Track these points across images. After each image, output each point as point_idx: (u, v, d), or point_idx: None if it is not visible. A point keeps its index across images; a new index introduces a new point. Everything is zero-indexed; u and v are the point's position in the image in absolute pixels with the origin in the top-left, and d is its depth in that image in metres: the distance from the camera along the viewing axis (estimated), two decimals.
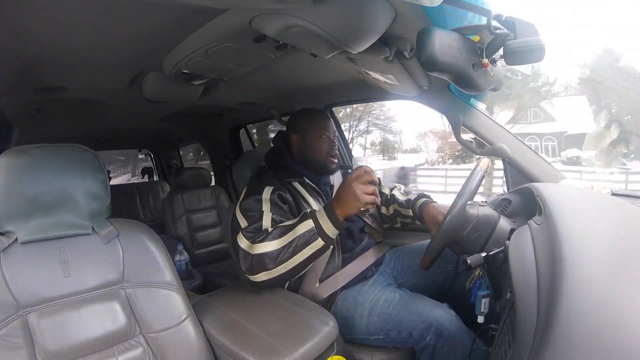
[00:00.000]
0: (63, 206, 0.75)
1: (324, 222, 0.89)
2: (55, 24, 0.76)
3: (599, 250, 0.48)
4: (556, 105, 11.42)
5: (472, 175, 0.84)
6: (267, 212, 0.97)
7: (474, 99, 1.11)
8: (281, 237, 0.90)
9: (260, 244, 0.90)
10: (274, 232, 0.92)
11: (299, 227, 0.90)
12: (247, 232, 0.95)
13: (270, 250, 0.89)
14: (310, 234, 0.88)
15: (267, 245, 0.90)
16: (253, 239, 0.93)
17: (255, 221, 0.96)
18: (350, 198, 0.87)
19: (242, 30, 0.76)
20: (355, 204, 0.87)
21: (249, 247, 0.92)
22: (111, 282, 0.77)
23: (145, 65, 1.09)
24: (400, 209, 1.18)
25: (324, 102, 1.56)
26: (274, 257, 0.89)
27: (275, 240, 0.90)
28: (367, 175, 0.89)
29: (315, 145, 1.12)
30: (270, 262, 0.89)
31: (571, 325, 0.38)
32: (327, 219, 0.89)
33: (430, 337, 0.88)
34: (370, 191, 0.87)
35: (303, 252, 0.89)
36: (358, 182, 0.87)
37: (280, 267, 0.89)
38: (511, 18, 0.64)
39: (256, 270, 0.91)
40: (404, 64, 0.94)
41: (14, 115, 1.45)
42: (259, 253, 0.90)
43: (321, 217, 0.90)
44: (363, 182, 0.88)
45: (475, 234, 0.79)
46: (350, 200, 0.87)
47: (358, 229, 1.14)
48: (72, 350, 0.69)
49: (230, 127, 2.32)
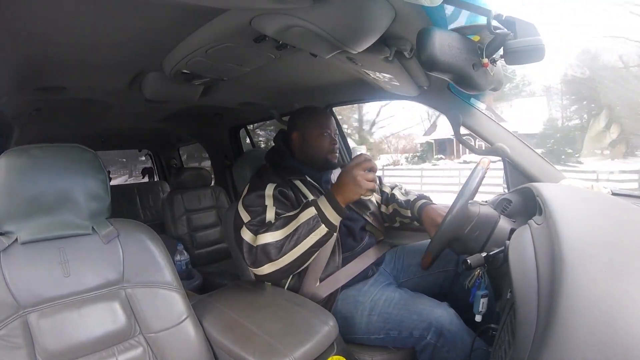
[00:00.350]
0: (63, 206, 0.75)
1: (325, 209, 0.90)
2: (56, 24, 0.76)
3: (599, 250, 0.48)
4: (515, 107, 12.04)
5: (473, 174, 0.84)
6: (270, 207, 0.98)
7: (474, 98, 1.11)
8: (284, 227, 0.91)
9: (263, 235, 0.91)
10: (277, 223, 0.93)
11: (301, 216, 0.91)
12: (250, 225, 0.95)
13: (274, 240, 0.90)
14: (314, 222, 0.90)
15: (271, 235, 0.91)
16: (257, 231, 0.93)
17: (258, 215, 0.97)
18: (351, 184, 0.89)
19: (242, 30, 0.76)
20: (356, 189, 0.89)
21: (252, 240, 0.93)
22: (111, 282, 0.77)
23: (145, 65, 1.09)
24: (399, 208, 1.18)
25: (324, 102, 1.56)
26: (278, 246, 0.90)
27: (278, 230, 0.91)
28: (367, 162, 0.91)
29: (316, 142, 1.12)
30: (275, 252, 0.90)
31: (571, 325, 0.38)
32: (329, 205, 0.90)
33: (430, 337, 0.88)
34: (370, 178, 0.89)
35: (307, 240, 0.90)
36: (358, 169, 0.89)
37: (285, 256, 0.90)
38: (511, 18, 0.64)
39: (261, 262, 0.91)
40: (404, 64, 0.94)
41: (14, 115, 1.45)
42: (262, 243, 0.91)
43: (323, 204, 0.91)
44: (363, 169, 0.89)
45: (477, 232, 0.79)
46: (351, 186, 0.89)
47: (359, 228, 1.13)
48: (72, 350, 0.69)
49: (230, 127, 2.32)
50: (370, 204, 1.19)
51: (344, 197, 0.90)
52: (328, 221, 0.90)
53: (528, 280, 0.50)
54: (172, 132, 2.55)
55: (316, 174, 1.14)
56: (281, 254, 0.90)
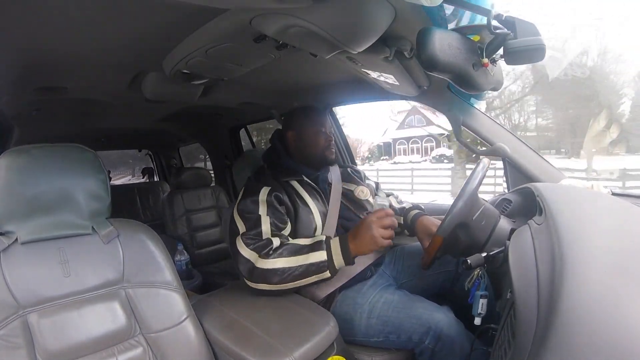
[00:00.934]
0: (63, 206, 0.75)
1: (336, 256, 0.91)
2: (56, 24, 0.76)
3: (599, 250, 0.48)
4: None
5: (476, 169, 0.83)
6: (264, 216, 0.98)
7: (474, 98, 1.11)
8: (290, 257, 0.92)
9: (267, 260, 0.92)
10: (282, 250, 0.93)
11: (311, 255, 0.91)
12: (247, 239, 0.96)
13: (278, 268, 0.91)
14: (321, 266, 0.91)
15: (275, 262, 0.91)
16: (258, 250, 0.93)
17: (253, 226, 0.97)
18: (368, 238, 0.89)
19: (242, 30, 0.76)
20: (371, 246, 0.90)
21: (254, 259, 0.93)
22: (111, 282, 0.77)
23: (145, 65, 1.09)
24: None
25: (324, 102, 1.56)
26: (279, 274, 0.91)
27: (283, 258, 0.92)
28: (387, 218, 0.91)
29: (312, 140, 1.13)
30: (275, 279, 0.91)
31: (571, 325, 0.38)
32: (340, 253, 0.91)
33: (429, 341, 0.89)
34: (387, 235, 0.90)
35: (309, 278, 0.92)
36: (378, 224, 0.89)
37: (283, 284, 0.92)
38: (511, 18, 0.64)
39: (256, 281, 0.93)
40: (404, 63, 0.94)
41: (14, 115, 1.45)
42: (265, 268, 0.91)
43: (335, 250, 0.91)
44: (383, 225, 0.90)
45: (483, 221, 0.79)
46: (367, 240, 0.89)
47: None
48: (72, 350, 0.69)
49: (230, 127, 2.32)
50: (368, 205, 1.19)
51: (357, 248, 0.91)
52: (334, 267, 0.91)
53: (528, 281, 0.50)
54: (172, 132, 2.55)
55: (313, 173, 1.14)
56: (281, 282, 0.91)
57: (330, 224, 1.08)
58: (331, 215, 1.09)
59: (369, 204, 1.21)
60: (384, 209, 0.93)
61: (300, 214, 1.05)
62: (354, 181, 1.24)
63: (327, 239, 0.94)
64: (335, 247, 0.92)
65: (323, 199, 1.11)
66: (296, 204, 1.05)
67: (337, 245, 0.92)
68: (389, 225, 0.91)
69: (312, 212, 1.06)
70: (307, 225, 1.05)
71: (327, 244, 0.93)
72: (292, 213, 1.04)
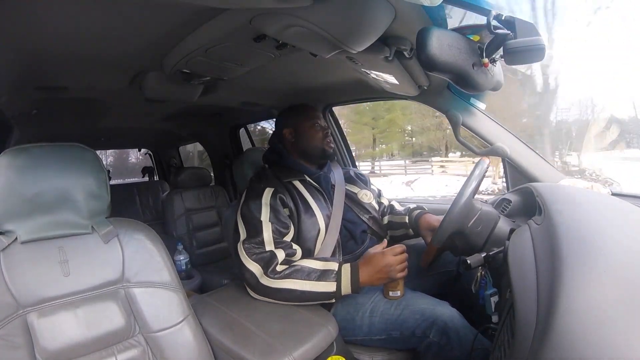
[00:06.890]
0: (63, 205, 0.75)
1: (344, 285, 0.92)
2: (56, 24, 0.76)
3: (599, 250, 0.48)
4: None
5: (474, 171, 0.84)
6: (266, 222, 0.98)
7: (474, 98, 1.11)
8: (297, 280, 0.92)
9: (273, 280, 0.92)
10: (290, 272, 0.93)
11: (320, 284, 0.92)
12: (249, 248, 0.96)
13: (283, 288, 0.92)
14: (328, 294, 0.92)
15: (282, 283, 0.92)
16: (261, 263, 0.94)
17: (255, 234, 0.97)
18: (382, 271, 0.92)
19: (242, 30, 0.76)
20: (382, 279, 0.92)
21: (259, 274, 0.94)
22: (111, 281, 0.77)
23: (145, 65, 1.09)
24: (394, 217, 1.21)
25: (324, 102, 1.56)
26: (284, 294, 0.92)
27: (289, 280, 0.92)
28: (404, 255, 0.93)
29: (310, 134, 1.14)
30: (279, 296, 0.93)
31: (571, 325, 0.38)
32: (350, 285, 0.92)
33: (433, 335, 0.88)
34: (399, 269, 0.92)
35: (311, 301, 0.93)
36: (395, 261, 0.91)
37: (285, 301, 0.94)
38: (511, 18, 0.64)
39: (261, 294, 0.95)
40: (404, 63, 0.94)
41: (14, 115, 1.45)
42: (270, 287, 0.92)
43: (345, 282, 0.92)
44: (399, 262, 0.92)
45: (479, 227, 0.79)
46: (381, 273, 0.92)
47: (360, 231, 1.13)
48: (72, 349, 0.69)
49: (230, 127, 2.32)
50: (370, 208, 1.19)
51: (368, 278, 0.92)
52: (340, 295, 0.92)
53: (527, 281, 0.50)
54: (172, 131, 2.55)
55: (315, 172, 1.14)
56: (283, 299, 0.93)
57: (334, 227, 1.08)
58: (335, 217, 1.09)
59: (372, 208, 1.21)
60: (401, 246, 0.95)
61: (303, 218, 1.04)
62: (358, 184, 1.24)
63: (339, 269, 0.94)
64: (346, 280, 0.92)
65: (327, 201, 1.11)
66: (299, 208, 1.04)
67: (348, 278, 0.92)
68: (403, 260, 0.93)
69: (315, 214, 1.05)
70: (310, 229, 1.04)
71: (338, 275, 0.93)
72: (295, 216, 1.04)
